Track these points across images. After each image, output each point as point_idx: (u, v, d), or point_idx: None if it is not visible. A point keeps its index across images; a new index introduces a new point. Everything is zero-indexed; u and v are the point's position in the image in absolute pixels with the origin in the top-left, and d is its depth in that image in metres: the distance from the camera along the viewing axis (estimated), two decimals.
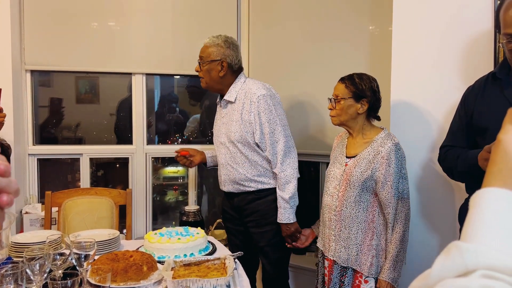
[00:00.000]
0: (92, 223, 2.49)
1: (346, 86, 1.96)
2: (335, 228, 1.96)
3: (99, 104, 3.28)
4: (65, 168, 3.22)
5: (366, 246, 1.90)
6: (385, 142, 1.89)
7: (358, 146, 1.98)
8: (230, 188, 2.37)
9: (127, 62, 3.02)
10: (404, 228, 1.87)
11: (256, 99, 2.22)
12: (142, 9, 3.02)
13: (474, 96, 1.75)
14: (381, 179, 1.85)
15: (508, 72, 1.65)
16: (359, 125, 1.98)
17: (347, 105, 1.94)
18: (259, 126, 2.23)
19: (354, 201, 1.90)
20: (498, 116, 1.69)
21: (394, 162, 1.85)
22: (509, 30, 1.53)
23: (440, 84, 2.07)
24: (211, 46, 2.31)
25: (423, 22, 2.11)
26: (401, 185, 1.87)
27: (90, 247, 1.46)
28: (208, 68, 2.30)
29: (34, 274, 1.34)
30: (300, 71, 2.86)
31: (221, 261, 1.72)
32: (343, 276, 1.95)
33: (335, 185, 1.97)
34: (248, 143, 2.25)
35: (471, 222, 0.50)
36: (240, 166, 2.29)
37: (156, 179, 3.39)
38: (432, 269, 0.47)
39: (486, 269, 0.44)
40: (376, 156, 1.88)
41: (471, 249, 0.45)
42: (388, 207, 1.86)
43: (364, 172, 1.88)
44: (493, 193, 0.51)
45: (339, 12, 2.67)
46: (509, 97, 1.62)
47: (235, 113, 2.28)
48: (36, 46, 2.87)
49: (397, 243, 1.85)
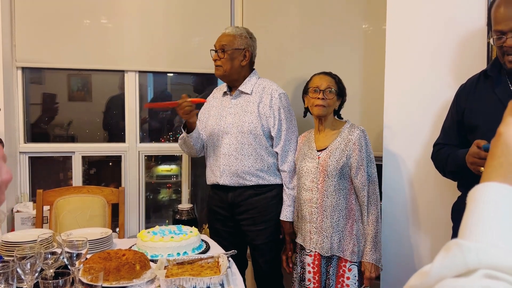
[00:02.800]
0: (84, 221, 2.47)
1: (336, 82, 2.11)
2: (316, 221, 2.04)
3: (92, 102, 3.26)
4: (57, 166, 3.19)
5: (347, 232, 2.01)
6: (353, 130, 2.04)
7: (326, 138, 2.10)
8: (227, 181, 2.30)
9: (120, 59, 2.99)
10: (378, 210, 2.01)
11: (278, 96, 2.29)
12: (134, 6, 2.99)
13: (466, 95, 1.76)
14: (354, 165, 1.99)
15: (500, 70, 1.66)
16: (331, 119, 2.13)
17: (334, 99, 2.10)
18: (278, 122, 2.28)
19: (334, 190, 2.01)
20: (489, 113, 1.70)
21: (364, 147, 2.01)
22: (499, 26, 1.55)
23: (433, 82, 2.08)
24: (235, 35, 2.32)
25: (416, 20, 2.12)
26: (370, 169, 2.01)
27: (82, 246, 1.44)
28: (231, 56, 2.30)
29: (25, 274, 1.32)
30: (293, 69, 2.85)
31: (214, 259, 1.71)
32: (328, 266, 2.04)
33: (312, 178, 2.07)
34: (260, 136, 2.27)
35: (470, 218, 0.48)
36: (246, 157, 2.27)
37: (149, 177, 3.37)
38: (432, 268, 0.45)
39: (488, 269, 0.42)
40: (347, 144, 2.02)
41: (472, 247, 0.44)
42: (362, 191, 1.99)
43: (339, 160, 2.00)
44: (493, 188, 0.49)
45: (333, 10, 2.67)
46: (500, 95, 1.63)
47: (251, 105, 2.29)
48: (27, 43, 2.84)
49: (374, 224, 1.99)
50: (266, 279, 2.39)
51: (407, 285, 0.47)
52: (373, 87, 2.43)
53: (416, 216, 2.18)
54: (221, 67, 2.31)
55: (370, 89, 2.47)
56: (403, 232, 2.20)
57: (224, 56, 2.29)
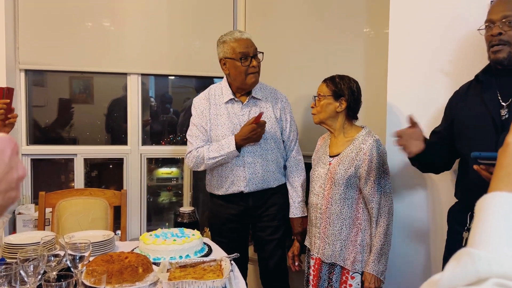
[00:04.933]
0: (86, 224, 2.47)
1: (327, 85, 2.06)
2: (320, 226, 2.03)
3: (94, 105, 3.26)
4: (59, 168, 3.19)
5: (350, 241, 1.96)
6: (366, 139, 1.97)
7: (340, 145, 2.05)
8: (252, 188, 2.25)
9: (122, 62, 3.00)
10: (387, 222, 1.93)
11: (286, 100, 2.39)
12: (137, 9, 3.00)
13: (457, 100, 1.77)
14: (364, 175, 1.93)
15: (491, 74, 1.65)
16: (340, 124, 2.05)
17: (326, 103, 2.04)
18: (289, 124, 2.36)
19: (340, 198, 1.97)
20: (474, 119, 1.71)
21: (376, 158, 1.92)
22: (489, 16, 1.57)
23: (436, 86, 2.08)
24: None
25: (419, 24, 2.12)
26: (383, 180, 1.94)
27: (85, 248, 1.44)
28: (261, 60, 2.30)
29: (28, 276, 1.32)
30: (295, 73, 2.85)
31: (217, 262, 1.71)
32: (331, 273, 2.01)
33: (320, 184, 2.04)
34: (279, 140, 2.32)
35: (479, 227, 0.48)
36: (270, 163, 2.28)
37: (150, 180, 3.37)
38: (443, 277, 0.45)
39: (499, 277, 0.42)
40: (358, 153, 1.95)
41: (483, 256, 0.44)
42: (371, 202, 1.93)
43: (347, 170, 1.95)
44: (501, 197, 0.50)
45: (335, 14, 2.67)
46: (487, 101, 1.61)
47: (266, 111, 2.27)
48: (30, 45, 2.85)
49: (381, 236, 1.91)
50: (274, 276, 2.39)
51: None
52: (375, 90, 2.43)
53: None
54: (258, 74, 2.26)
55: (372, 92, 2.46)
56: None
57: (260, 60, 2.26)
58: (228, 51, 2.22)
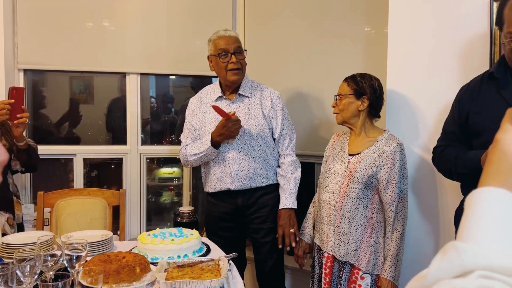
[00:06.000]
0: (85, 224, 2.47)
1: (348, 84, 2.03)
2: (334, 224, 1.99)
3: (93, 104, 3.26)
4: (58, 168, 3.19)
5: (365, 242, 1.94)
6: (390, 142, 1.95)
7: (361, 144, 2.02)
8: (239, 185, 2.27)
9: (122, 61, 3.00)
10: (403, 227, 1.93)
11: (277, 97, 2.34)
12: (136, 9, 3.00)
13: (469, 97, 1.72)
14: (385, 178, 1.91)
15: (505, 71, 1.62)
16: (361, 123, 2.03)
17: (348, 102, 2.01)
18: (280, 122, 2.31)
19: (356, 197, 1.94)
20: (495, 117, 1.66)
21: (399, 162, 1.91)
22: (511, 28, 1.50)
23: (435, 85, 2.07)
24: (238, 36, 2.30)
25: (418, 23, 2.11)
26: (402, 185, 1.93)
27: (82, 248, 1.43)
28: (244, 57, 2.30)
29: (24, 276, 1.32)
30: (294, 71, 2.85)
31: (215, 262, 1.70)
32: (341, 272, 1.99)
33: (336, 181, 2.00)
34: (267, 137, 2.28)
35: (467, 222, 0.49)
36: (256, 160, 2.26)
37: (151, 180, 3.37)
38: (429, 270, 0.46)
39: (484, 270, 0.43)
40: (381, 155, 1.93)
41: (469, 249, 0.44)
42: (391, 206, 1.91)
43: (368, 169, 1.93)
44: (490, 192, 0.50)
45: (335, 13, 2.67)
46: (507, 97, 1.58)
47: (254, 108, 2.28)
48: (29, 45, 2.85)
49: (398, 241, 1.90)
50: (270, 278, 2.38)
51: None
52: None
53: (419, 220, 2.16)
54: (241, 70, 2.27)
55: None
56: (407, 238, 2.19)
57: (242, 58, 2.27)
58: (211, 49, 2.30)
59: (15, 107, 2.05)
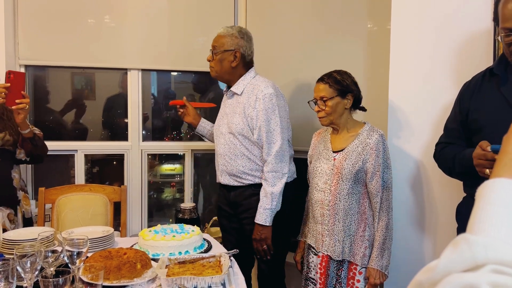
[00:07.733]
0: (86, 220, 2.46)
1: (330, 85, 1.99)
2: (328, 223, 1.99)
3: (95, 100, 3.25)
4: (59, 164, 3.18)
5: (359, 237, 1.96)
6: (372, 134, 1.96)
7: (343, 140, 2.03)
8: (225, 180, 2.34)
9: (123, 58, 2.99)
10: (388, 217, 1.95)
11: (262, 97, 2.19)
12: (138, 5, 2.99)
13: (470, 93, 1.71)
14: (370, 170, 1.93)
15: (506, 68, 1.61)
16: (344, 120, 2.04)
17: (335, 103, 2.00)
18: (259, 124, 2.19)
19: (347, 193, 1.95)
20: (494, 114, 1.65)
21: (382, 153, 1.94)
22: (507, 24, 1.50)
23: (438, 82, 2.06)
24: (225, 36, 2.30)
25: (421, 19, 2.10)
26: (386, 175, 1.95)
27: (82, 245, 1.43)
28: (220, 57, 2.30)
29: (25, 272, 1.31)
30: (296, 68, 2.83)
31: (216, 259, 1.70)
32: (339, 270, 1.99)
33: (325, 180, 2.01)
34: (248, 137, 2.25)
35: (478, 213, 0.47)
36: (239, 158, 2.26)
37: (153, 176, 3.37)
38: (439, 262, 0.44)
39: (496, 264, 0.41)
40: (365, 148, 1.95)
41: (481, 242, 0.43)
42: (376, 197, 1.94)
43: (355, 164, 1.94)
44: (502, 184, 0.49)
45: (337, 9, 2.65)
46: (506, 94, 1.57)
47: (239, 106, 2.28)
48: (30, 40, 2.84)
49: (383, 231, 1.93)
50: (267, 279, 2.37)
51: (414, 280, 0.46)
52: (377, 86, 2.41)
53: (420, 217, 2.15)
54: (213, 68, 2.34)
55: (374, 88, 2.44)
56: (406, 235, 2.18)
57: (214, 58, 2.31)
58: None
59: (14, 91, 1.97)
